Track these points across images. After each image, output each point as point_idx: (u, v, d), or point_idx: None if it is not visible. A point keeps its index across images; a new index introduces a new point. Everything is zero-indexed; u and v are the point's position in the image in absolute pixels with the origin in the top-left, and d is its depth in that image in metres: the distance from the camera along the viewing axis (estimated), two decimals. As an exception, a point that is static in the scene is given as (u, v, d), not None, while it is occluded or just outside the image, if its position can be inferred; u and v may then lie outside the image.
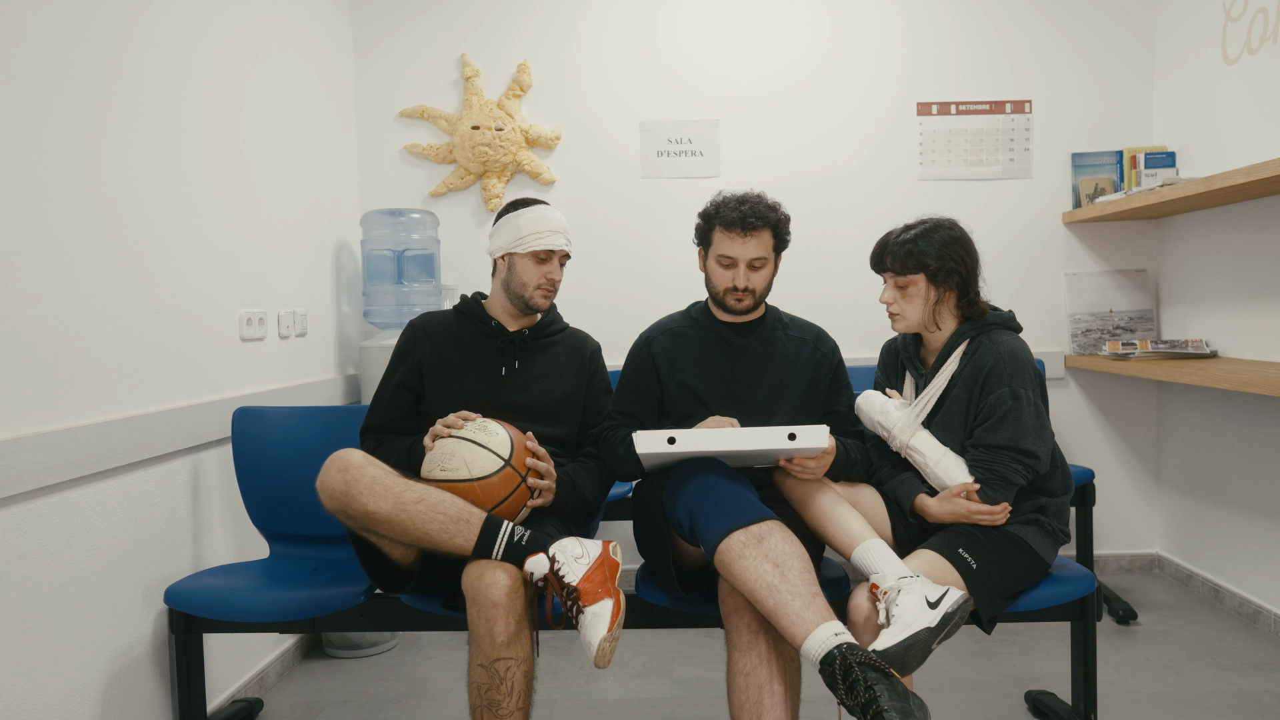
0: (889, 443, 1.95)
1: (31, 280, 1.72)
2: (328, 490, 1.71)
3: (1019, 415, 1.80)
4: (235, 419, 2.29)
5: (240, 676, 2.41)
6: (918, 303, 1.92)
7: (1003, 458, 1.79)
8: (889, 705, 1.39)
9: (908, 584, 1.62)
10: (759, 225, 1.98)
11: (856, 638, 1.69)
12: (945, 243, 1.91)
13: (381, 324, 3.13)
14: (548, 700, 2.43)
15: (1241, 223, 2.90)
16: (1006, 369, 1.83)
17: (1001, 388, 1.82)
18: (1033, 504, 1.87)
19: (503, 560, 1.69)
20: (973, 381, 1.86)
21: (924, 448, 1.87)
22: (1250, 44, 2.81)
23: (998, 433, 1.80)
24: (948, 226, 1.94)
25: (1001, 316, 1.95)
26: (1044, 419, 1.85)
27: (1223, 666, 2.54)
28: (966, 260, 1.92)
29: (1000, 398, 1.82)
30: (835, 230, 3.39)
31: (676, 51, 3.38)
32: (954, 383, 1.89)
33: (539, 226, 2.04)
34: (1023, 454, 1.80)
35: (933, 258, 1.89)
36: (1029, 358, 1.87)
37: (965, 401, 1.87)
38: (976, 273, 1.95)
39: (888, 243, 1.97)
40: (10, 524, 1.66)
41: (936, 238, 1.91)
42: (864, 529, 1.78)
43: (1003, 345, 1.86)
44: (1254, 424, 2.87)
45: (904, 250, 1.92)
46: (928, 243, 1.90)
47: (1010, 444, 1.79)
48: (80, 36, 1.87)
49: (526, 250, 2.04)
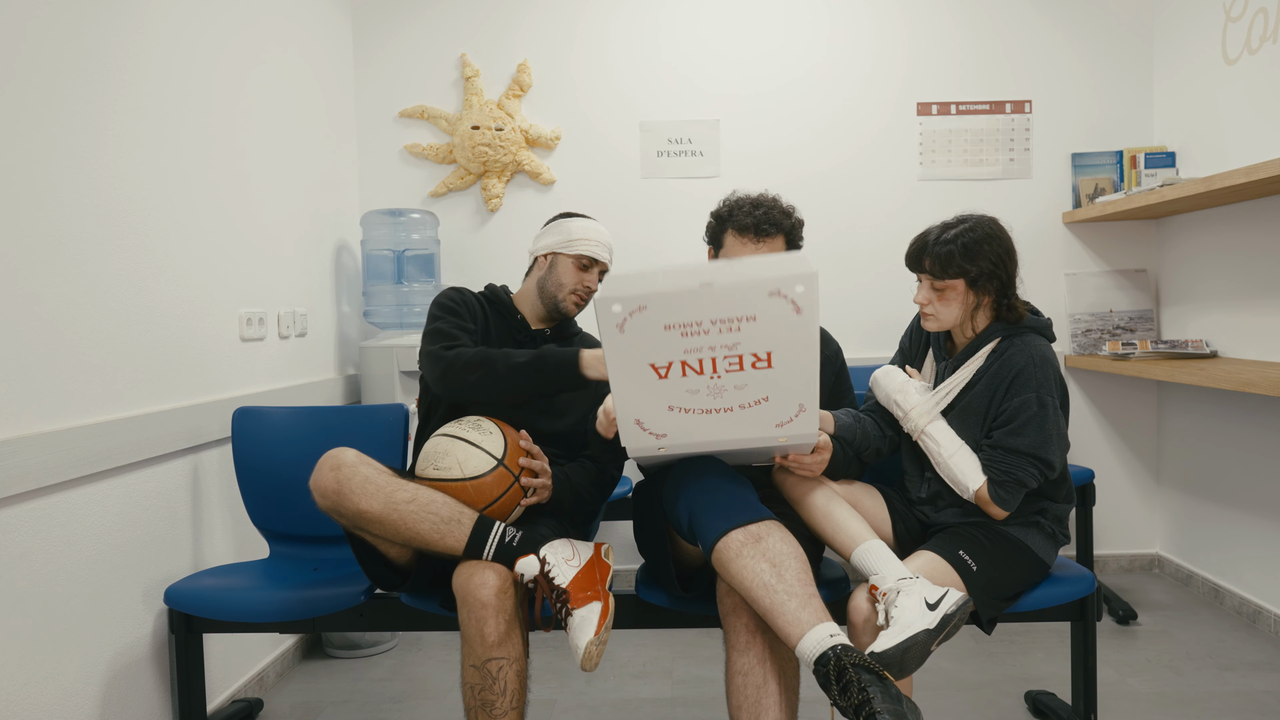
0: (901, 423, 1.93)
1: (32, 280, 1.72)
2: (320, 489, 1.71)
3: (1043, 423, 1.78)
4: (235, 419, 2.29)
5: (240, 676, 2.42)
6: (955, 307, 1.87)
7: (1022, 462, 1.78)
8: (882, 707, 1.39)
9: (907, 585, 1.61)
10: (773, 232, 1.95)
11: (856, 639, 1.69)
12: (988, 246, 1.82)
13: (381, 324, 3.13)
14: (547, 700, 2.43)
15: (1241, 223, 2.90)
16: (1035, 374, 1.80)
17: (1029, 393, 1.79)
18: (1034, 506, 1.86)
19: (494, 561, 1.69)
20: (998, 381, 1.83)
21: (940, 438, 1.86)
22: (1250, 44, 2.81)
23: (1020, 437, 1.78)
24: (988, 226, 1.85)
25: (1038, 322, 1.89)
26: (1064, 428, 1.83)
27: (1223, 666, 2.54)
28: (1007, 263, 1.85)
29: (1026, 402, 1.79)
30: (835, 230, 3.39)
31: (676, 51, 3.38)
32: (978, 378, 1.86)
33: (589, 234, 2.10)
34: (1041, 462, 1.78)
35: (974, 262, 1.81)
36: (1057, 366, 1.84)
37: (987, 400, 1.85)
38: (1016, 274, 1.88)
39: (926, 243, 1.87)
40: (10, 524, 1.66)
41: (979, 241, 1.82)
42: (863, 530, 1.78)
43: (1035, 349, 1.82)
44: (1254, 424, 2.87)
45: (945, 253, 1.83)
46: (970, 246, 1.82)
47: (1031, 450, 1.78)
48: (82, 38, 1.87)
49: (573, 252, 2.08)
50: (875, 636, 1.61)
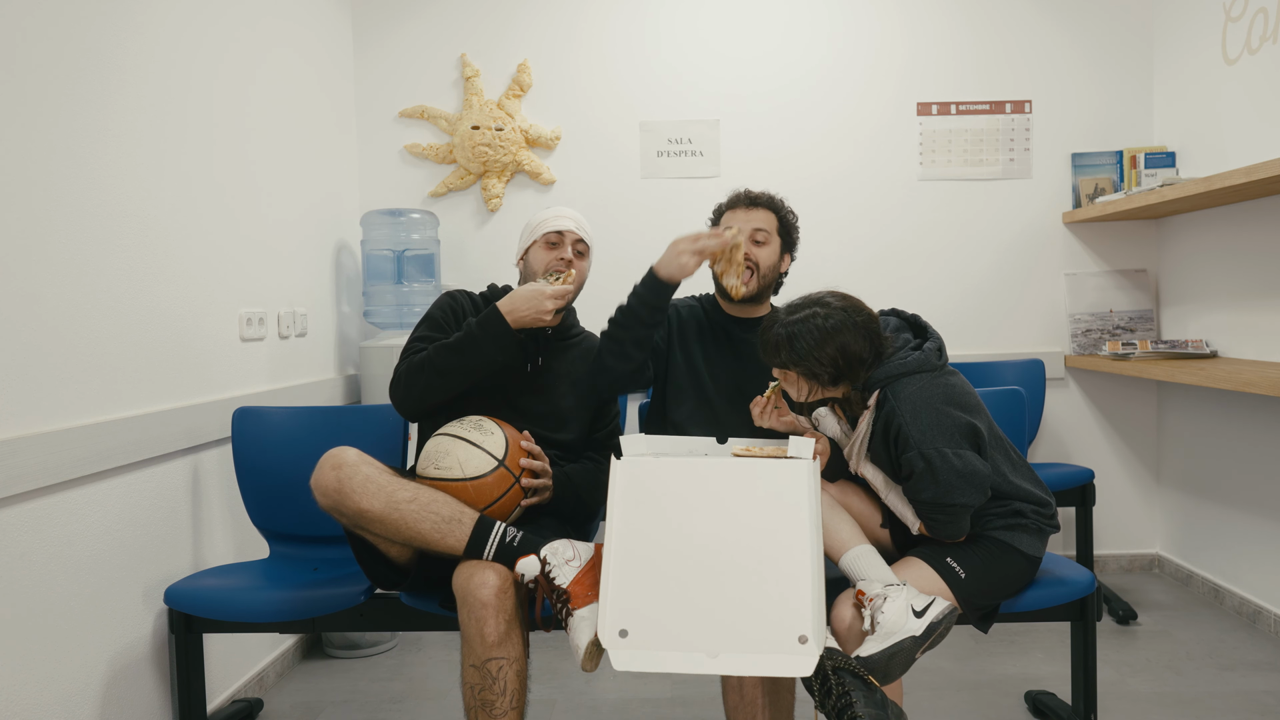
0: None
1: (32, 280, 1.72)
2: (321, 488, 1.71)
3: (934, 477, 1.68)
4: (235, 419, 2.29)
5: (240, 676, 2.41)
6: (802, 389, 1.77)
7: (934, 509, 1.73)
8: (863, 712, 1.39)
9: (894, 592, 1.61)
10: (761, 201, 2.13)
11: (841, 644, 1.68)
12: (811, 344, 1.70)
13: (381, 324, 3.13)
14: (547, 700, 2.43)
15: (1241, 223, 2.90)
16: (911, 430, 1.69)
17: (910, 450, 1.70)
18: (1008, 508, 1.80)
19: (494, 561, 1.69)
20: (885, 434, 1.76)
21: (873, 479, 1.82)
22: (1250, 44, 2.81)
23: (922, 492, 1.72)
24: (819, 320, 1.70)
25: (907, 363, 1.73)
26: (968, 465, 1.68)
27: (1223, 666, 2.54)
28: (840, 358, 1.71)
29: (911, 461, 1.70)
30: (835, 230, 3.39)
31: (676, 51, 3.38)
32: (874, 431, 1.79)
33: (547, 214, 2.12)
34: (953, 506, 1.71)
35: (800, 359, 1.71)
36: (938, 402, 1.70)
37: (885, 453, 1.78)
38: (856, 364, 1.72)
39: (768, 327, 1.77)
40: (10, 524, 1.66)
41: (802, 338, 1.70)
42: (854, 535, 1.76)
43: (904, 401, 1.70)
44: (1254, 424, 2.87)
45: (771, 342, 1.74)
46: (797, 340, 1.71)
47: (937, 500, 1.71)
48: (82, 38, 1.87)
49: (538, 236, 2.10)
50: (861, 642, 1.60)
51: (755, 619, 1.47)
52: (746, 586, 1.49)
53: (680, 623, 1.48)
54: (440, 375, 1.92)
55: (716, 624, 1.47)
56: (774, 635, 1.45)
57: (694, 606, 1.49)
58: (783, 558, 1.51)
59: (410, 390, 1.94)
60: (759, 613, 1.47)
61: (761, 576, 1.50)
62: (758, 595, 1.49)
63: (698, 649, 1.45)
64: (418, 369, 1.93)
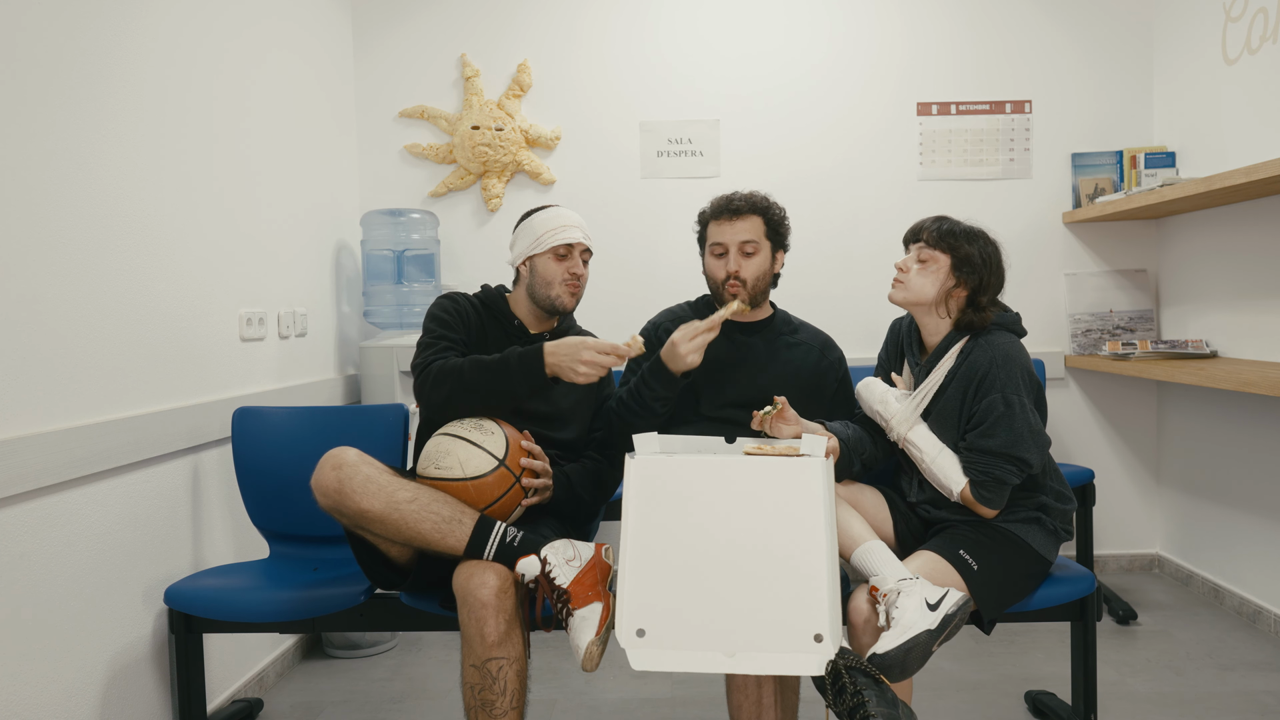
0: (886, 433, 1.94)
1: (31, 280, 1.72)
2: (321, 488, 1.71)
3: (1011, 422, 1.79)
4: (235, 419, 2.29)
5: (240, 676, 2.41)
6: (929, 281, 1.90)
7: (998, 462, 1.79)
8: (876, 711, 1.39)
9: (907, 586, 1.61)
10: (744, 209, 2.04)
11: (855, 640, 1.69)
12: (984, 243, 1.91)
13: (381, 324, 3.13)
14: (547, 700, 2.43)
15: (1241, 223, 2.90)
16: (1000, 374, 1.81)
17: (994, 393, 1.80)
18: (1034, 501, 1.87)
19: (494, 561, 1.69)
20: (967, 382, 1.85)
21: (921, 443, 1.87)
22: (1250, 44, 2.81)
23: (992, 438, 1.79)
24: (991, 237, 1.94)
25: (1005, 318, 1.93)
26: (1038, 424, 1.83)
27: (1223, 666, 2.54)
28: (989, 271, 1.89)
29: (993, 403, 1.80)
30: (835, 230, 3.39)
31: (676, 51, 3.38)
32: (949, 380, 1.88)
33: (554, 223, 2.04)
34: (1017, 460, 1.79)
35: (969, 243, 1.88)
36: (1025, 361, 1.86)
37: (959, 402, 1.86)
38: (993, 288, 1.92)
39: (931, 219, 1.96)
40: (10, 524, 1.66)
41: (979, 235, 1.92)
42: (864, 530, 1.78)
43: (998, 348, 1.84)
44: (1254, 424, 2.87)
45: (946, 228, 1.91)
46: (971, 233, 1.91)
47: (1004, 450, 1.79)
48: (81, 38, 1.87)
49: (546, 249, 2.03)
50: (875, 638, 1.61)
51: (771, 617, 1.47)
52: (762, 585, 1.49)
53: (696, 621, 1.48)
54: (467, 391, 1.86)
55: (732, 622, 1.47)
56: (790, 634, 1.45)
57: (709, 604, 1.49)
58: (798, 556, 1.51)
59: (436, 396, 1.87)
60: (774, 611, 1.47)
61: (777, 575, 1.50)
62: (773, 594, 1.49)
63: (714, 648, 1.45)
64: (440, 379, 1.86)
